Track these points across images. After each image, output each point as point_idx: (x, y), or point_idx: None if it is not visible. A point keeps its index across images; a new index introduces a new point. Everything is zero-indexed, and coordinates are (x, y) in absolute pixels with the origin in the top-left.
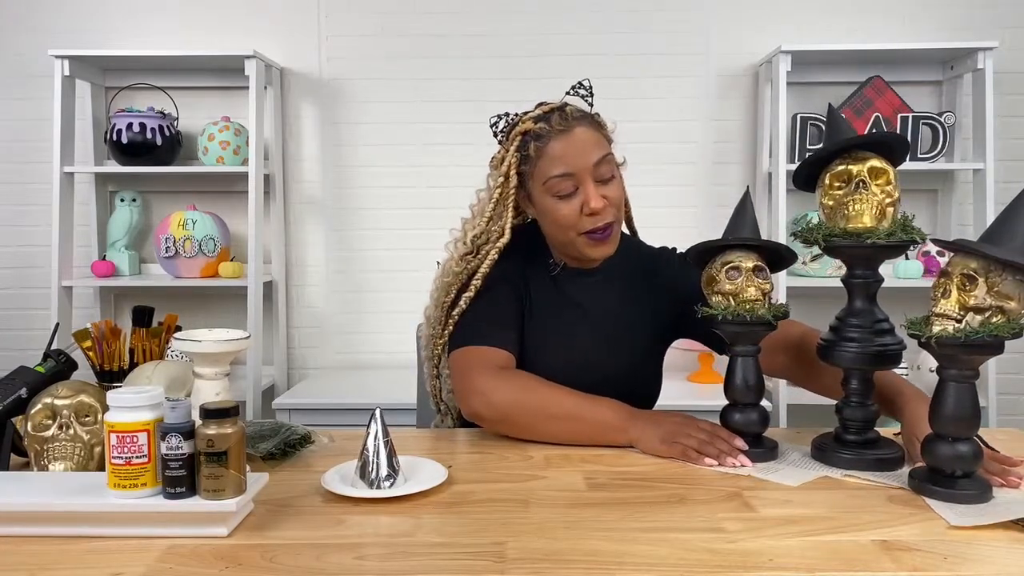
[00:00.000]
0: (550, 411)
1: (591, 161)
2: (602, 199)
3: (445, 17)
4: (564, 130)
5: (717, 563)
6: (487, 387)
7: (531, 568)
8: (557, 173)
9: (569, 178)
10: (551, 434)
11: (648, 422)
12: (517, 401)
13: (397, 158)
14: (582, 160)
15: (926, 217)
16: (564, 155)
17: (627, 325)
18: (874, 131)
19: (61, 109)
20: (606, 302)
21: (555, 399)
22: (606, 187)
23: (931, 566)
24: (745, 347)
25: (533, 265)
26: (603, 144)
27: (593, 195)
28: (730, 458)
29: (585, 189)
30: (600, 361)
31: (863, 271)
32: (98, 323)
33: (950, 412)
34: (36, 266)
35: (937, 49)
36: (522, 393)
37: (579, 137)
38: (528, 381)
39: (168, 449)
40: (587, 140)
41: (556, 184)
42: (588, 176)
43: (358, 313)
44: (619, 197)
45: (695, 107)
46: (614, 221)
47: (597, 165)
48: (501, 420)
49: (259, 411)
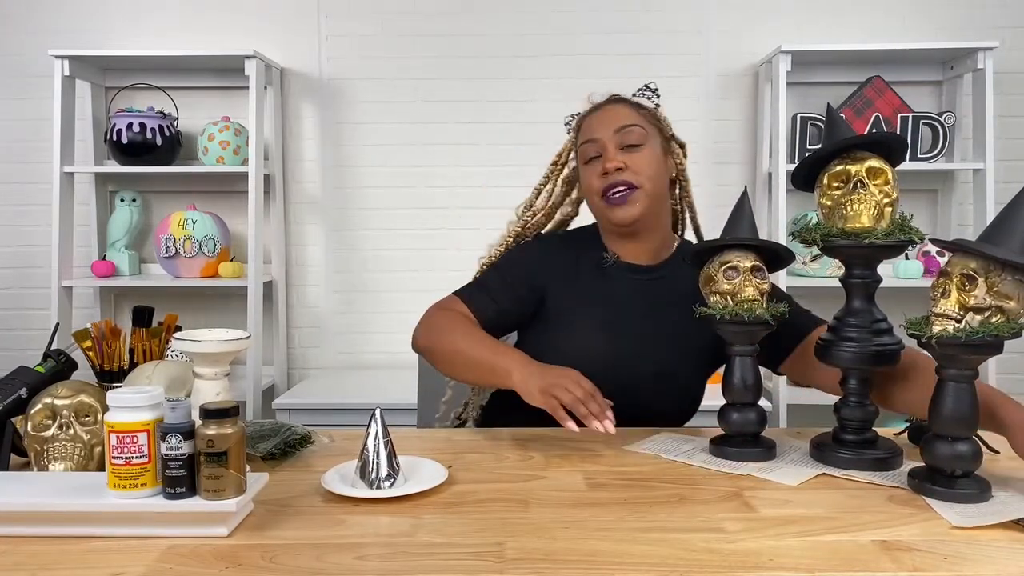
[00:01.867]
0: (460, 349)
1: (614, 126)
2: (619, 161)
3: (445, 17)
4: (601, 105)
5: (717, 563)
6: (426, 319)
7: (531, 568)
8: (584, 139)
9: (593, 143)
10: (456, 372)
11: (533, 372)
12: (439, 337)
13: (397, 158)
14: (605, 126)
15: (926, 217)
16: (592, 124)
17: (671, 327)
18: (873, 131)
19: (61, 109)
20: (653, 301)
21: (465, 340)
22: (630, 153)
23: (931, 566)
24: (743, 347)
25: (582, 258)
26: (632, 116)
27: (611, 155)
28: (596, 424)
29: (605, 152)
30: (636, 360)
31: (861, 271)
32: (98, 323)
33: (950, 412)
34: (36, 266)
35: (937, 49)
36: (445, 331)
37: (608, 109)
38: (454, 321)
39: (168, 449)
40: (615, 111)
41: (584, 150)
42: (610, 141)
43: (358, 313)
44: (645, 165)
45: (695, 107)
46: (634, 186)
47: (619, 131)
48: (426, 352)
49: (259, 411)
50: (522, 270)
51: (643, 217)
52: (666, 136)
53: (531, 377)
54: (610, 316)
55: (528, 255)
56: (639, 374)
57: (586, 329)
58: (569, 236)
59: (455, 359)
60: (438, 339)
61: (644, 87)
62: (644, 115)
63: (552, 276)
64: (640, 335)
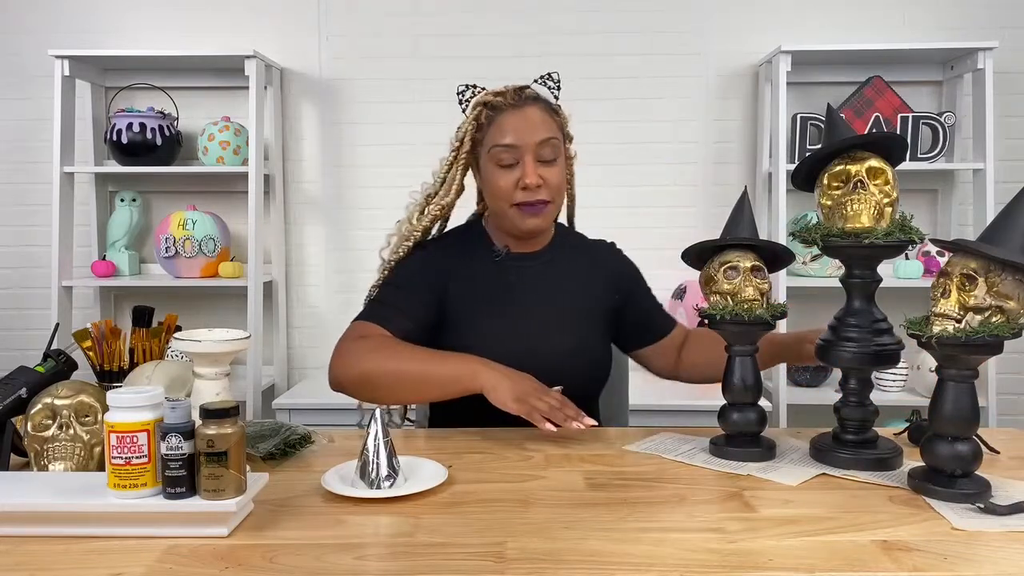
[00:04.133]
0: (403, 369)
1: (535, 139)
2: (538, 177)
3: (445, 17)
4: (516, 105)
5: (717, 563)
6: (344, 350)
7: (531, 568)
8: (502, 143)
9: (513, 150)
10: (405, 394)
11: (502, 375)
12: (373, 365)
13: (397, 158)
14: (527, 136)
15: (926, 217)
16: (512, 128)
17: (571, 305)
18: (873, 131)
19: (61, 109)
20: (550, 283)
21: (408, 359)
22: (546, 167)
23: (931, 566)
24: (743, 347)
25: (473, 256)
26: (552, 128)
27: (531, 171)
28: (575, 423)
29: (524, 164)
30: (548, 341)
31: (861, 271)
32: (98, 323)
33: (950, 412)
34: (36, 266)
35: (937, 49)
36: (377, 357)
37: (529, 115)
38: (382, 344)
39: (168, 449)
40: (536, 119)
41: (499, 153)
42: (530, 152)
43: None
44: (558, 181)
45: (695, 107)
46: (549, 201)
47: (540, 144)
48: (360, 386)
49: (259, 411)
50: (421, 277)
51: (548, 225)
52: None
53: (501, 383)
54: (514, 305)
55: (422, 262)
56: (552, 354)
57: (494, 322)
58: (451, 238)
59: (400, 381)
60: (372, 366)
61: (546, 76)
62: (556, 122)
63: (450, 277)
64: (545, 318)
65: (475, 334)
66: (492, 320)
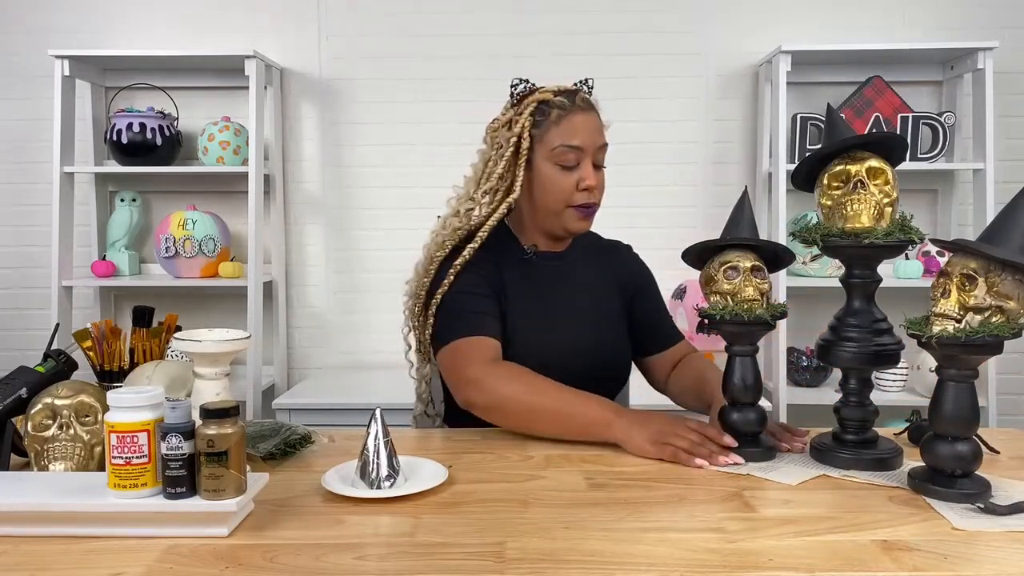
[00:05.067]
0: (538, 404)
1: (598, 143)
2: (596, 180)
3: (445, 17)
4: (584, 109)
5: (717, 563)
6: (480, 376)
7: (530, 568)
8: (570, 143)
9: (577, 152)
10: (538, 428)
11: (634, 421)
12: (509, 392)
13: (397, 158)
14: (592, 139)
15: (926, 217)
16: (580, 130)
17: (596, 305)
18: (873, 131)
19: (61, 109)
20: (576, 283)
21: (544, 393)
22: (599, 173)
23: (931, 566)
24: (743, 347)
25: (505, 256)
26: (604, 132)
27: (591, 174)
28: (723, 458)
29: (585, 166)
30: (577, 336)
31: (861, 271)
32: (98, 323)
33: (949, 412)
34: (36, 266)
35: (937, 49)
36: (514, 384)
37: (593, 119)
38: (520, 373)
39: (168, 449)
40: (598, 125)
41: (563, 154)
42: (590, 156)
43: (358, 313)
44: (603, 184)
45: (695, 107)
46: (598, 204)
47: (600, 149)
48: (493, 409)
49: (259, 411)
50: (481, 276)
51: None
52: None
53: (634, 430)
54: (542, 302)
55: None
56: (577, 353)
57: (525, 320)
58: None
59: (533, 415)
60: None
61: (583, 82)
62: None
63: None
64: (570, 315)
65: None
66: (523, 320)
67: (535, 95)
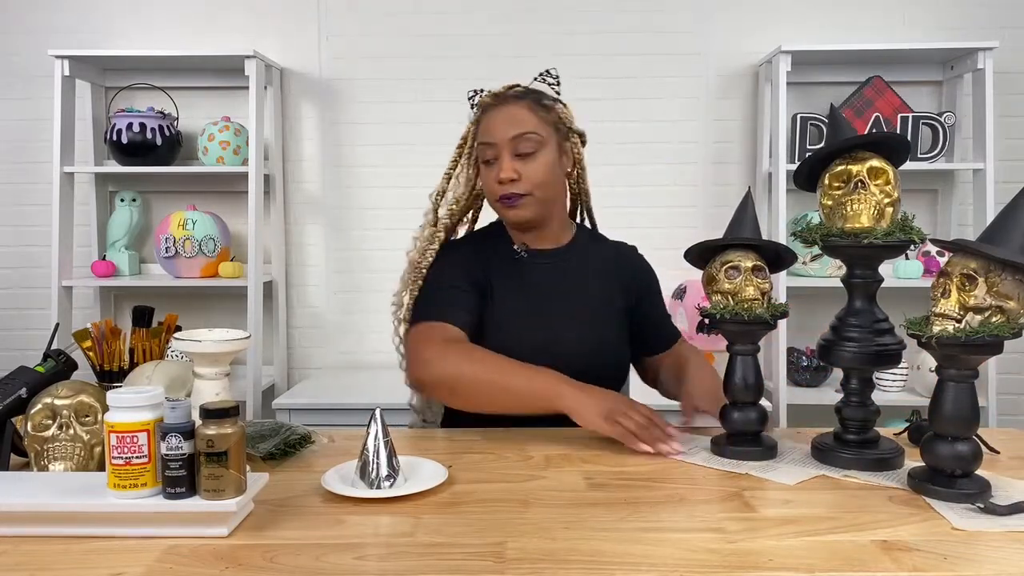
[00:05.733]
0: (484, 379)
1: (508, 135)
2: (513, 171)
3: (445, 17)
4: (496, 104)
5: (717, 563)
6: (431, 356)
7: (531, 568)
8: (483, 140)
9: (490, 147)
10: (485, 403)
11: (586, 394)
12: (458, 371)
13: (397, 158)
14: (501, 132)
15: (926, 217)
16: (493, 125)
17: (591, 304)
18: (874, 131)
19: (61, 109)
20: (569, 282)
21: (491, 368)
22: (523, 161)
23: (931, 566)
24: (744, 346)
25: (496, 255)
26: (530, 122)
27: (504, 166)
28: (664, 446)
29: (501, 159)
30: (567, 339)
31: (862, 271)
32: (98, 323)
33: (950, 412)
34: (36, 266)
35: (937, 49)
36: (463, 363)
37: (507, 111)
38: (471, 351)
39: (168, 449)
40: (514, 115)
41: (483, 151)
42: (504, 148)
43: (358, 313)
44: (538, 174)
45: (695, 107)
46: (526, 194)
47: (515, 139)
48: (439, 386)
49: (259, 411)
50: (463, 273)
51: (535, 216)
52: (563, 132)
53: (587, 403)
54: (535, 301)
55: (456, 257)
56: (570, 353)
57: (515, 319)
58: (476, 237)
59: (480, 388)
60: (455, 370)
61: (545, 73)
62: (541, 117)
63: (490, 272)
64: (565, 316)
65: (497, 331)
66: (514, 317)
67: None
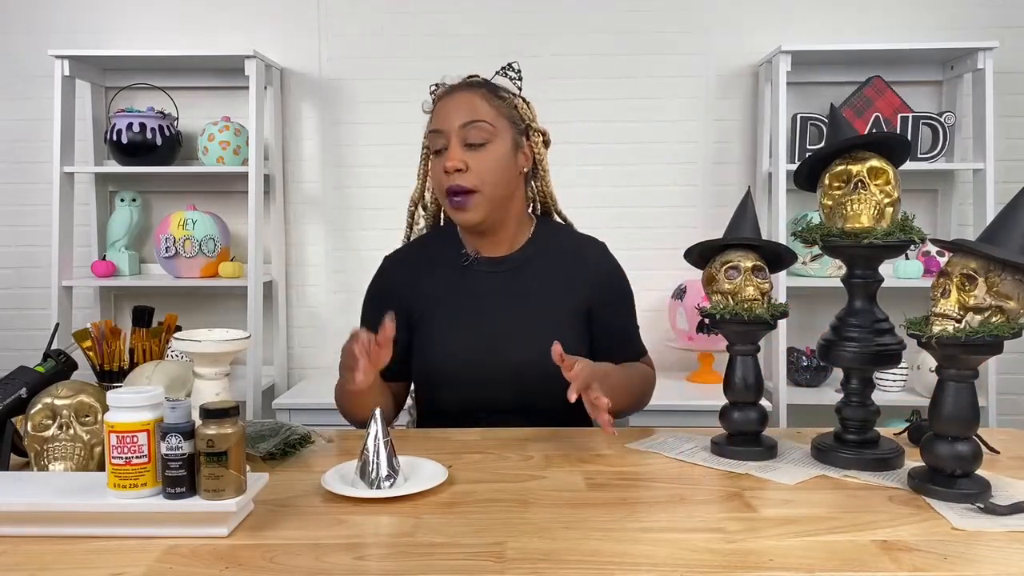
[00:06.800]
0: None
1: (457, 122)
2: (461, 161)
3: (445, 17)
4: (451, 91)
5: (717, 563)
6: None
7: (531, 568)
8: (429, 128)
9: (439, 135)
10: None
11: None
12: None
13: (397, 158)
14: (449, 119)
15: (926, 217)
16: (439, 113)
17: (545, 310)
18: (874, 131)
19: (61, 109)
20: (521, 288)
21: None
22: (473, 152)
23: (931, 566)
24: (744, 346)
25: (439, 262)
26: (482, 110)
27: (451, 155)
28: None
29: (451, 147)
30: (517, 350)
31: (862, 271)
32: (98, 323)
33: (950, 412)
34: (36, 266)
35: (937, 49)
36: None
37: (456, 99)
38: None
39: (168, 449)
40: (463, 103)
41: (430, 139)
42: (453, 135)
43: (358, 313)
44: (486, 166)
45: (695, 107)
46: (474, 191)
47: (464, 127)
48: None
49: (259, 411)
50: (377, 304)
51: (486, 219)
52: (520, 128)
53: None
54: (472, 312)
55: (381, 284)
56: (522, 363)
57: (447, 328)
58: (424, 240)
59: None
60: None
61: (507, 66)
62: (496, 107)
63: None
64: (514, 325)
65: (438, 345)
66: (458, 332)
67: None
